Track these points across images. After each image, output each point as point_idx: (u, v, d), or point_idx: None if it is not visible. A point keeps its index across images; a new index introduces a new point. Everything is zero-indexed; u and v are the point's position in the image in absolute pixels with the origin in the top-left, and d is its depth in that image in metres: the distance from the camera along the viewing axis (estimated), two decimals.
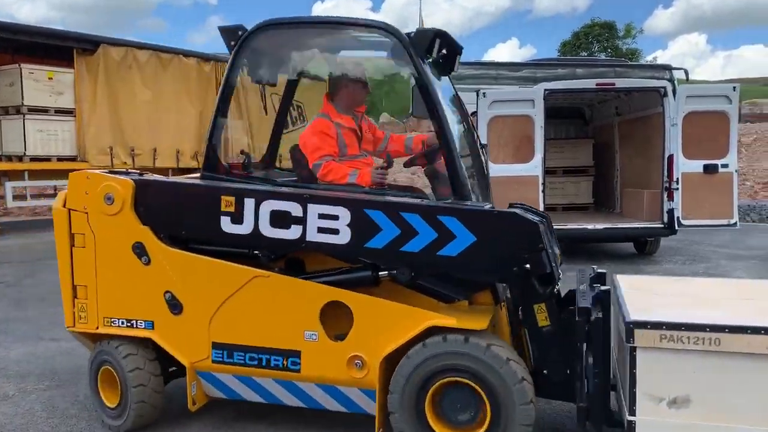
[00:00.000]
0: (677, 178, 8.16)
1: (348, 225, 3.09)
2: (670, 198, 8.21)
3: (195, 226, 3.39)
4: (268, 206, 3.20)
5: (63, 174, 13.05)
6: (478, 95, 8.28)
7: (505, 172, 7.83)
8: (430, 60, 3.26)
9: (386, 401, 3.05)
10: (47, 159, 12.47)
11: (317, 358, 3.16)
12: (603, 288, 3.01)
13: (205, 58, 15.54)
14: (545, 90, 8.37)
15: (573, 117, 11.41)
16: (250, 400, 3.41)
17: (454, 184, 3.12)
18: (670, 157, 8.20)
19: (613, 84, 9.08)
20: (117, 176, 3.44)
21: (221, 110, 3.61)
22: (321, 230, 3.13)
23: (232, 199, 3.24)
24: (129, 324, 3.45)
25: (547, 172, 8.86)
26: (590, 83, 9.18)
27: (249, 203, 3.21)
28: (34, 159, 12.23)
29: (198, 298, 3.32)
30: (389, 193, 3.44)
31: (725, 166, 8.20)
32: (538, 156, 8.33)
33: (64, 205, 3.49)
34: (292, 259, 3.52)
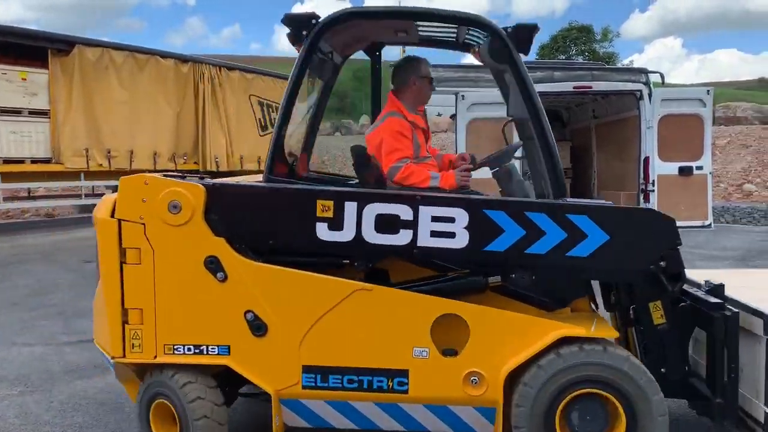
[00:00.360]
0: (653, 180, 8.27)
1: (465, 227, 2.87)
2: (646, 199, 8.32)
3: (285, 234, 2.97)
4: (373, 209, 2.90)
5: (37, 176, 12.98)
6: (457, 98, 8.30)
7: (485, 174, 7.83)
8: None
9: (509, 417, 2.87)
10: (20, 161, 12.24)
11: (428, 377, 2.89)
12: (714, 283, 3.02)
13: (182, 59, 15.44)
14: None
15: (551, 120, 11.47)
16: (340, 428, 3.06)
17: (554, 183, 2.99)
18: (646, 160, 8.30)
19: (590, 87, 9.15)
20: (183, 181, 3.01)
21: (289, 108, 3.14)
22: (434, 234, 2.89)
23: (330, 203, 2.90)
24: (198, 350, 2.98)
25: (525, 174, 8.90)
26: (568, 86, 9.25)
27: (350, 207, 2.89)
28: (6, 161, 12.00)
29: (287, 317, 2.93)
30: (472, 194, 3.22)
31: (700, 168, 8.33)
32: None
33: (113, 215, 2.98)
34: (373, 269, 3.16)
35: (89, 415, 3.87)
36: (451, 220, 2.89)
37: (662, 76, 10.35)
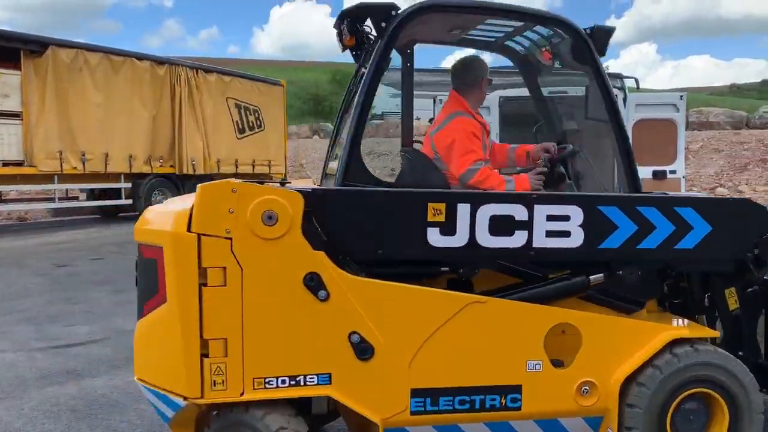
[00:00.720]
0: None
1: (580, 225, 2.79)
2: None
3: (396, 243, 2.73)
4: (487, 211, 2.74)
5: (9, 179, 12.74)
6: (435, 102, 8.34)
7: None
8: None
9: (623, 423, 2.84)
10: None
11: (541, 391, 2.78)
12: None
13: (159, 61, 15.30)
14: (500, 97, 8.48)
15: (529, 124, 11.58)
16: None
17: (630, 179, 3.00)
18: None
19: (566, 92, 9.25)
20: (277, 187, 2.65)
21: (368, 106, 2.90)
22: (550, 234, 2.78)
23: (441, 206, 2.70)
24: (294, 382, 2.60)
25: None
26: (543, 91, 9.32)
27: (463, 209, 2.71)
28: None
29: (395, 337, 2.66)
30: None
31: (673, 172, 8.47)
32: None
33: (189, 228, 2.51)
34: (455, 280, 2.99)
35: (61, 423, 3.80)
36: (566, 218, 2.80)
37: (637, 82, 10.48)
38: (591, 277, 2.92)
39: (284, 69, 47.99)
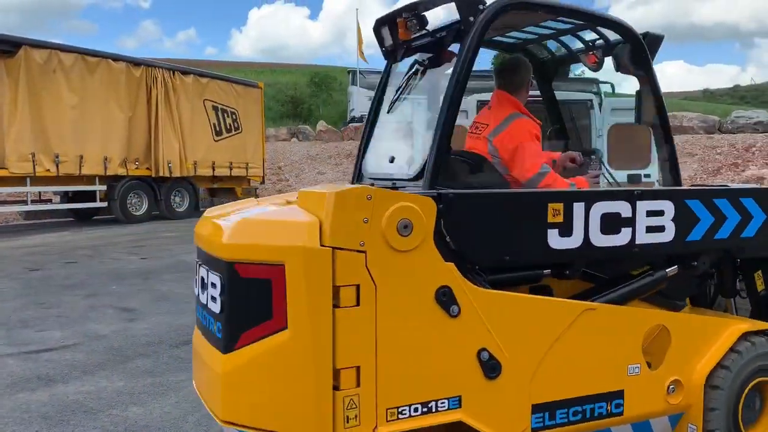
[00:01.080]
0: None
1: (672, 219, 2.83)
2: None
3: (522, 247, 2.60)
4: (599, 209, 2.68)
5: None
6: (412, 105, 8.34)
7: None
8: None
9: (707, 406, 2.91)
10: None
11: (640, 394, 2.78)
12: None
13: (135, 62, 15.15)
14: (478, 101, 8.53)
15: None
16: None
17: (675, 176, 3.13)
18: None
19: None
20: (408, 191, 2.43)
21: (457, 104, 2.70)
22: (649, 229, 2.78)
23: (560, 206, 2.60)
24: (426, 409, 2.35)
25: None
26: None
27: (578, 208, 2.64)
28: None
29: (520, 351, 2.52)
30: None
31: (648, 176, 8.57)
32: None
33: (322, 242, 2.19)
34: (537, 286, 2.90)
35: (32, 429, 3.72)
36: (661, 213, 2.82)
37: (613, 87, 10.61)
38: (667, 270, 2.96)
39: (262, 71, 47.70)
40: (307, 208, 2.31)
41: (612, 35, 3.20)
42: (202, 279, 2.52)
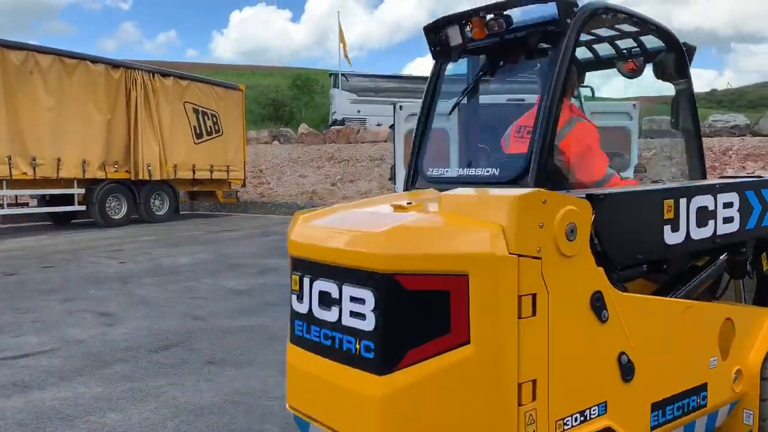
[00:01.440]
0: None
1: (738, 210, 2.97)
2: None
3: (649, 245, 2.64)
4: (695, 203, 2.77)
5: None
6: (395, 108, 8.37)
7: None
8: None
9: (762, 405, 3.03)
10: None
11: (717, 385, 2.87)
12: None
13: (114, 64, 14.97)
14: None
15: (485, 131, 11.72)
16: None
17: (703, 173, 3.34)
18: None
19: (523, 99, 9.38)
20: (565, 193, 2.39)
21: (559, 104, 2.70)
22: (726, 220, 2.90)
23: (671, 202, 2.66)
24: (582, 418, 2.31)
25: None
26: (501, 99, 9.45)
27: (683, 203, 2.71)
28: None
29: (647, 352, 2.54)
30: None
31: (627, 179, 8.66)
32: (453, 168, 8.51)
33: (509, 249, 2.08)
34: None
35: None
36: (731, 204, 2.94)
37: (592, 91, 10.69)
38: (720, 258, 3.06)
39: (243, 73, 47.44)
40: (468, 213, 2.19)
41: (650, 43, 3.29)
42: (322, 293, 2.29)
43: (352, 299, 2.15)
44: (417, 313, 2.07)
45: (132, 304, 6.85)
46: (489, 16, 2.86)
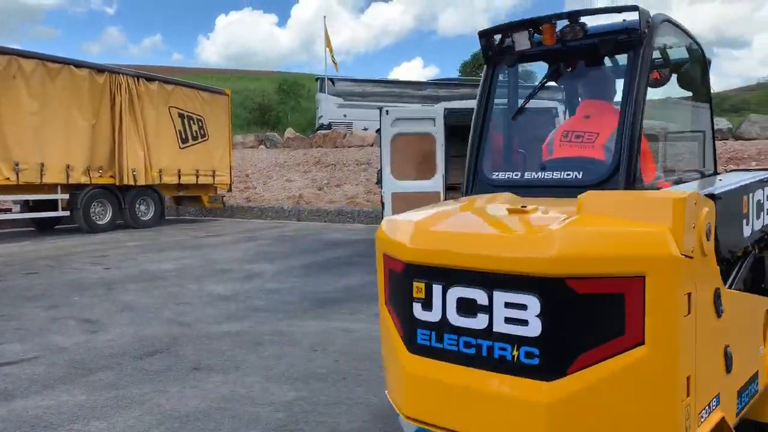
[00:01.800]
0: None
1: None
2: None
3: (737, 239, 2.80)
4: (757, 197, 3.00)
5: None
6: (381, 113, 8.38)
7: (408, 188, 7.99)
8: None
9: None
10: None
11: (763, 371, 2.98)
12: None
13: (98, 68, 14.86)
14: (445, 109, 8.62)
15: (462, 135, 11.80)
16: None
17: (716, 165, 3.53)
18: None
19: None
20: (699, 193, 2.44)
21: (643, 107, 2.73)
22: (759, 216, 3.06)
23: (747, 197, 2.90)
24: (709, 411, 2.36)
25: (450, 188, 9.09)
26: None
27: (750, 198, 2.93)
28: None
29: (742, 343, 2.69)
30: None
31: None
32: (440, 173, 8.55)
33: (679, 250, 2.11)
34: None
35: None
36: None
37: None
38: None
39: (229, 78, 47.25)
40: (616, 214, 2.20)
41: (674, 55, 3.36)
42: (461, 300, 2.23)
43: (508, 305, 2.11)
44: (589, 316, 2.05)
45: (117, 310, 6.79)
46: (563, 23, 2.93)
